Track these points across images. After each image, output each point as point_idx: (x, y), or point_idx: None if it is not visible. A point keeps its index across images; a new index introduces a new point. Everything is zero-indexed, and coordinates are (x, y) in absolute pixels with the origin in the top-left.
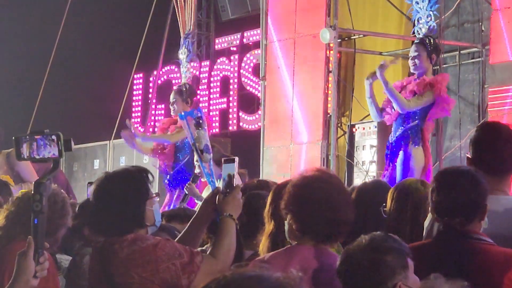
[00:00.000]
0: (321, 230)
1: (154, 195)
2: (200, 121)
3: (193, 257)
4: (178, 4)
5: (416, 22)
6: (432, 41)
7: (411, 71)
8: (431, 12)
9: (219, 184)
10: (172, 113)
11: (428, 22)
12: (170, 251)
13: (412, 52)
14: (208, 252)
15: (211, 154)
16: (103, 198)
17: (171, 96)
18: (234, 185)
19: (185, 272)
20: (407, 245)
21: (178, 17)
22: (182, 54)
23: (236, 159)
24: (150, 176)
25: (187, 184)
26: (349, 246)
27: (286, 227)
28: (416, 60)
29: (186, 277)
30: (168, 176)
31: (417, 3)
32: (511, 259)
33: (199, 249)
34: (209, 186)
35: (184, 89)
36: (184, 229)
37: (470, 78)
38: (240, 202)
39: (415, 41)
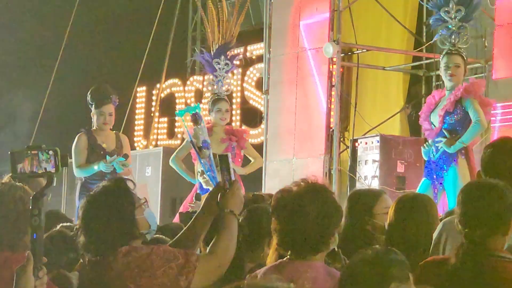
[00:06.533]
0: (310, 243)
1: (142, 201)
2: (197, 116)
3: (188, 257)
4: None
5: None
6: None
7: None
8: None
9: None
10: (221, 122)
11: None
12: (164, 255)
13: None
14: (208, 249)
15: (210, 149)
16: (91, 221)
17: (225, 105)
18: (233, 179)
19: (183, 273)
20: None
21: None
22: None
23: (229, 154)
24: (130, 184)
25: (192, 204)
26: (352, 259)
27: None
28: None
29: (184, 278)
30: None
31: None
32: None
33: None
34: None
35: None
36: (188, 224)
37: None
38: (241, 197)
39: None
